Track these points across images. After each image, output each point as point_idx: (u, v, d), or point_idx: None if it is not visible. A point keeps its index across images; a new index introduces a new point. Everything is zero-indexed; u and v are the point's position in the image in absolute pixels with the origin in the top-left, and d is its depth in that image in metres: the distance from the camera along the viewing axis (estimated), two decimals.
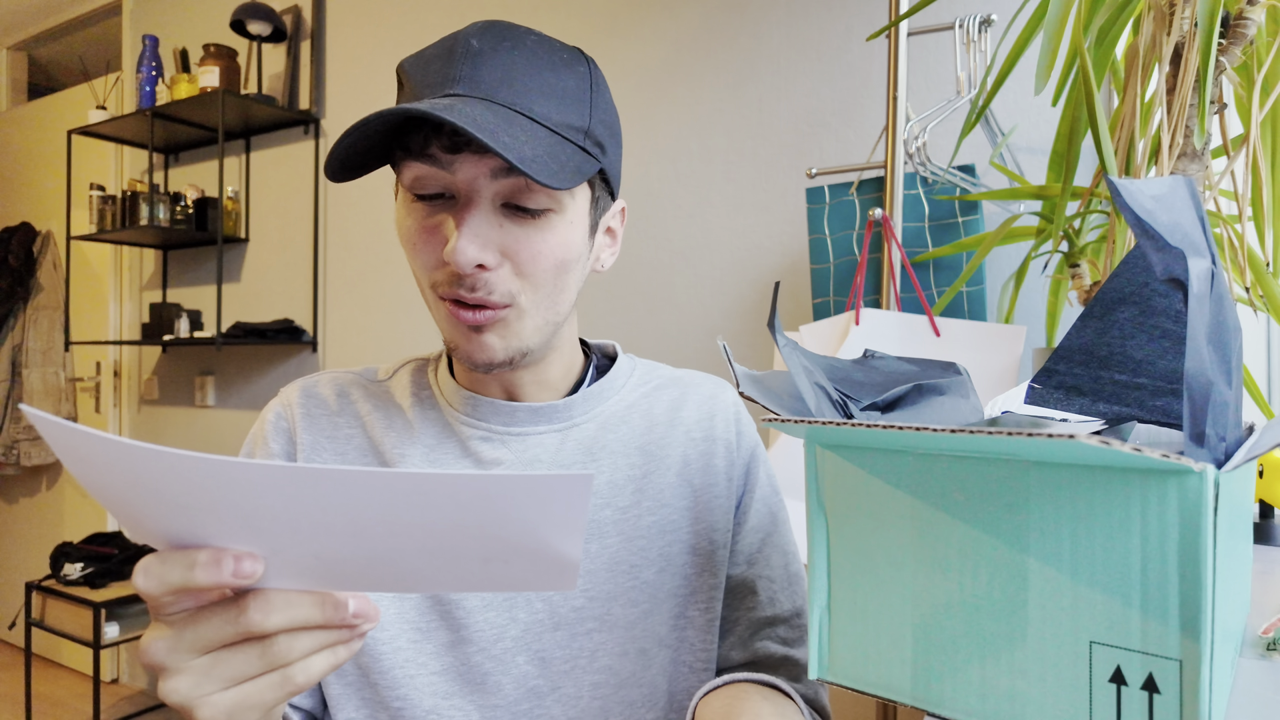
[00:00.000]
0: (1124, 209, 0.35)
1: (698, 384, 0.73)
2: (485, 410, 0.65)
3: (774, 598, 0.69)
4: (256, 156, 2.57)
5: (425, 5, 2.18)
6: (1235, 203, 0.79)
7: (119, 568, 2.41)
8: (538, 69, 0.55)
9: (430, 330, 2.17)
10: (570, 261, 0.59)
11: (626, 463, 0.67)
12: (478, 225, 0.55)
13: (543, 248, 0.57)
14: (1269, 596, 0.56)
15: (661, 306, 1.77)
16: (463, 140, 0.53)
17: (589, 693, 0.63)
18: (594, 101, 0.58)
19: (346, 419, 0.67)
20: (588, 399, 0.67)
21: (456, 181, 0.55)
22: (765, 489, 0.72)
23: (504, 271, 0.56)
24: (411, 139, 0.55)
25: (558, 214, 0.57)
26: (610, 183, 0.63)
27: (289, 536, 0.34)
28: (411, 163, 0.55)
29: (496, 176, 0.54)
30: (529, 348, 0.60)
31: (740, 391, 0.43)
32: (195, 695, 0.36)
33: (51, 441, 0.32)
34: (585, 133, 0.57)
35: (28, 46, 3.56)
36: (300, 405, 0.67)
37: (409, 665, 0.61)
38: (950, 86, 1.42)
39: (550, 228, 0.57)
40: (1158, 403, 0.48)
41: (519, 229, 0.56)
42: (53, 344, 3.10)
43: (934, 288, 1.22)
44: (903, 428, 0.33)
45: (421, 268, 0.58)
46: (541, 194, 0.55)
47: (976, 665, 0.36)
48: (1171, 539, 0.31)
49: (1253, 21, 0.73)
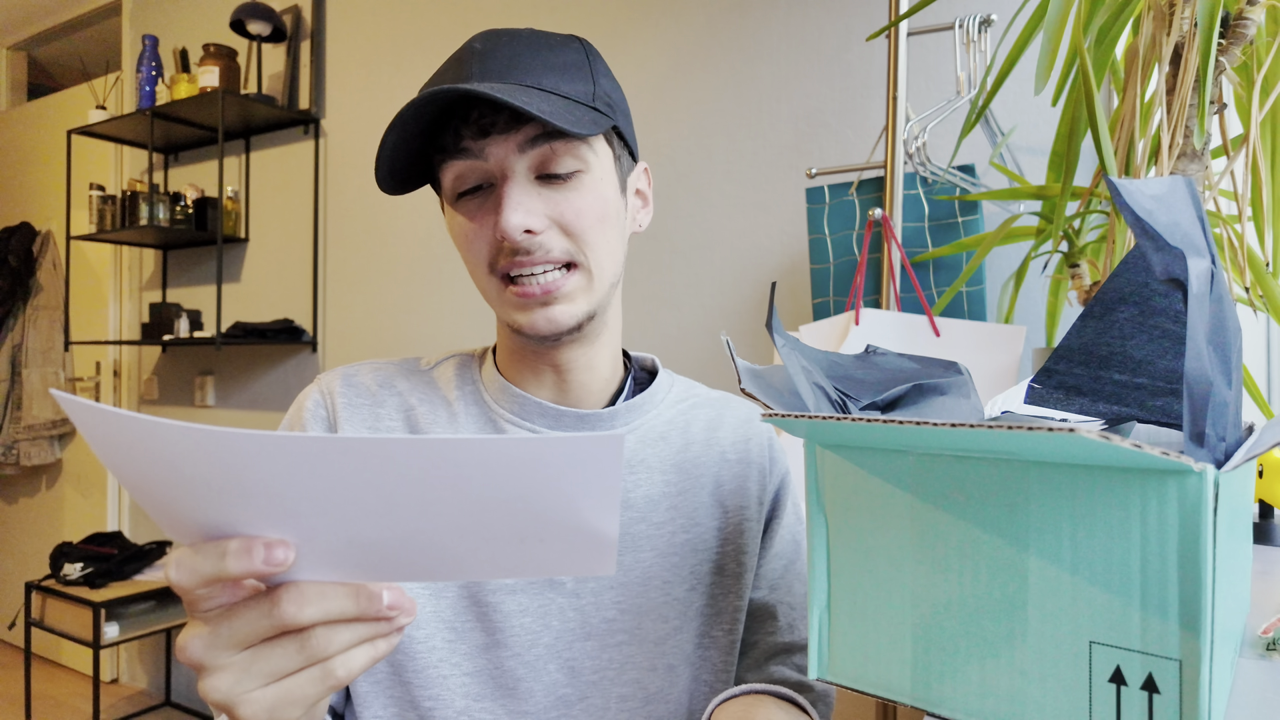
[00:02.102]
0: (1124, 209, 0.35)
1: (735, 407, 0.74)
2: (531, 410, 0.66)
3: (793, 625, 0.70)
4: (256, 156, 2.57)
5: (425, 5, 2.18)
6: (1235, 203, 0.79)
7: (119, 568, 2.41)
8: (537, 51, 0.59)
9: (430, 331, 2.16)
10: (610, 216, 0.62)
11: (663, 479, 0.67)
12: (518, 195, 0.58)
13: (581, 205, 0.60)
14: (1269, 596, 0.56)
15: (661, 306, 1.77)
16: (488, 121, 0.57)
17: (616, 705, 0.63)
18: (594, 71, 0.62)
19: (389, 410, 0.66)
20: (630, 410, 0.68)
21: (490, 165, 0.58)
22: (791, 516, 0.73)
23: (554, 234, 0.59)
24: (444, 138, 0.59)
25: (586, 174, 0.60)
26: (628, 141, 0.66)
27: (320, 518, 0.33)
28: (448, 163, 0.59)
29: (524, 149, 0.58)
30: (593, 310, 0.62)
31: (741, 388, 0.43)
32: (236, 692, 0.36)
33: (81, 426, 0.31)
34: (593, 96, 0.60)
35: (28, 46, 3.56)
36: (341, 394, 0.66)
37: (443, 665, 0.61)
38: (950, 86, 1.42)
39: (584, 187, 0.60)
40: (1157, 403, 0.48)
41: (556, 194, 0.59)
42: (52, 344, 3.10)
43: (934, 288, 1.22)
44: (902, 422, 0.33)
45: (476, 256, 0.61)
46: (568, 156, 0.59)
47: (976, 665, 0.36)
48: (1171, 539, 0.31)
49: (1252, 21, 0.73)
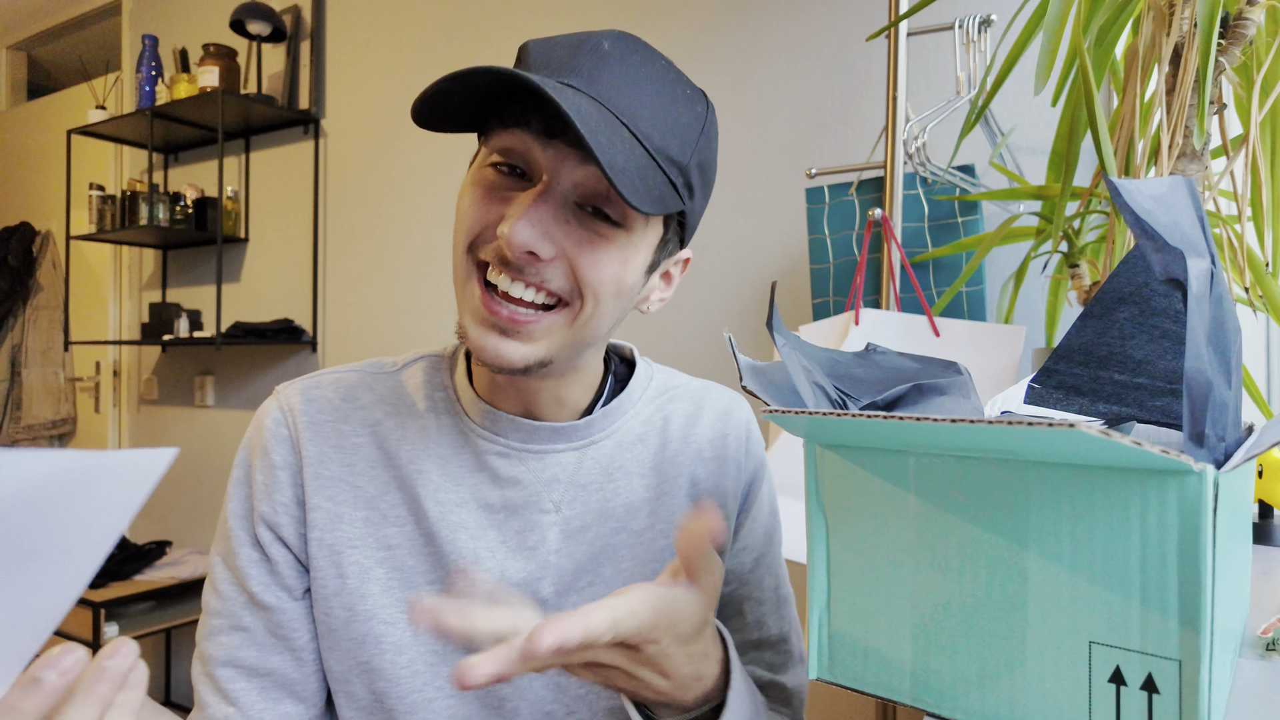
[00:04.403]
0: (1124, 209, 0.35)
1: (714, 398, 0.72)
2: (504, 426, 0.62)
3: (761, 620, 0.68)
4: (256, 156, 2.57)
5: (425, 5, 2.18)
6: (1235, 203, 0.79)
7: (118, 568, 2.41)
8: (657, 90, 0.53)
9: (430, 331, 2.16)
10: (625, 286, 0.56)
11: (642, 484, 0.65)
12: (544, 214, 0.52)
13: (605, 263, 0.54)
14: (1269, 596, 0.56)
15: (662, 306, 1.77)
16: (560, 126, 0.51)
17: (604, 717, 0.63)
18: (700, 145, 0.56)
19: (354, 425, 0.63)
20: (608, 415, 0.65)
21: (542, 162, 0.53)
22: (764, 509, 0.71)
23: (559, 268, 0.54)
24: (509, 109, 0.53)
25: (626, 234, 0.55)
26: (685, 229, 0.61)
27: None
28: (503, 132, 0.53)
29: (584, 163, 0.52)
30: (551, 358, 0.56)
31: (743, 385, 0.43)
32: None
33: None
34: (681, 169, 0.55)
35: (28, 46, 3.56)
36: (303, 412, 0.62)
37: (427, 689, 0.60)
38: (950, 86, 1.42)
39: (615, 244, 0.54)
40: (1157, 403, 0.48)
41: (584, 233, 0.54)
42: (52, 344, 3.10)
43: (934, 288, 1.22)
44: (902, 418, 0.33)
45: (465, 227, 0.55)
46: (620, 206, 0.53)
47: (976, 665, 0.36)
48: (1171, 539, 0.31)
49: (1252, 22, 0.73)
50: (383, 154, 2.26)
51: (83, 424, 3.06)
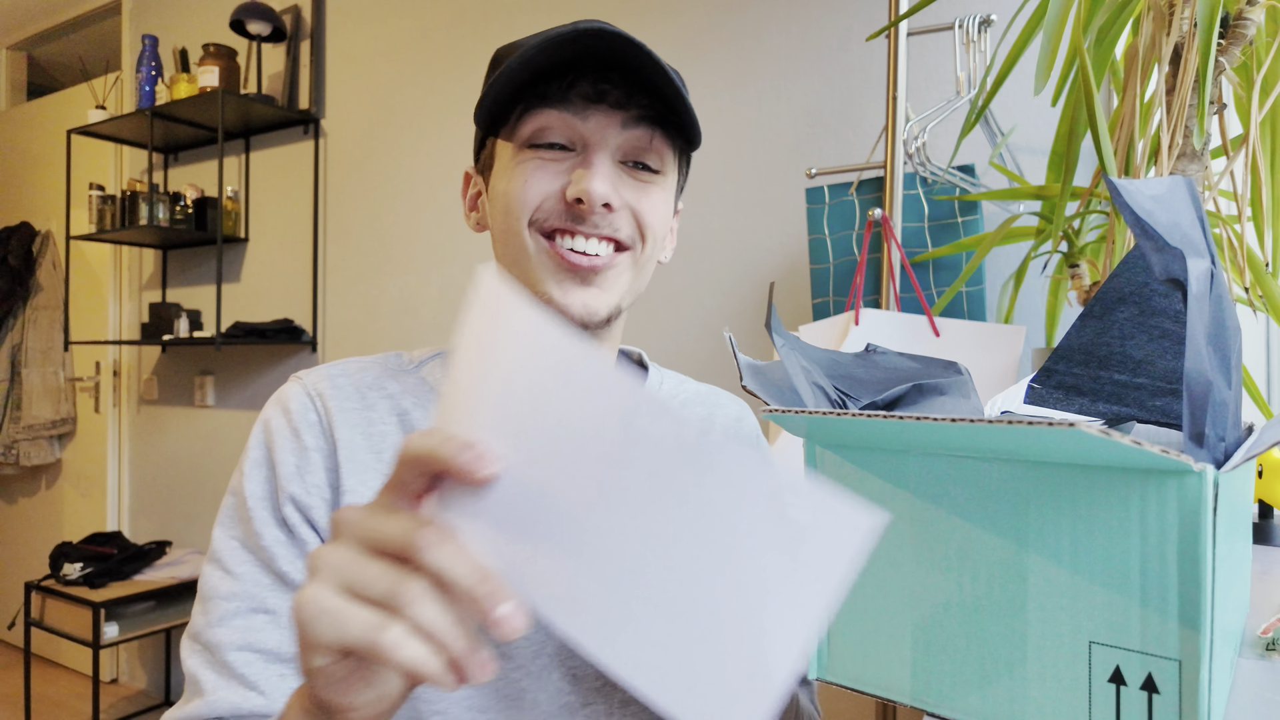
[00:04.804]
0: (1124, 209, 0.35)
1: (724, 405, 0.74)
2: None
3: None
4: (256, 156, 2.57)
5: (425, 5, 2.18)
6: (1235, 203, 0.79)
7: (118, 567, 2.41)
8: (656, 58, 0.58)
9: (430, 331, 2.16)
10: (663, 231, 0.62)
11: None
12: (607, 169, 0.57)
13: (657, 202, 0.60)
14: (1269, 596, 0.56)
15: (661, 306, 1.77)
16: (604, 88, 0.56)
17: (619, 710, 0.63)
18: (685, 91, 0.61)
19: (380, 413, 0.62)
20: None
21: (586, 129, 0.57)
22: None
23: (626, 215, 0.59)
24: (551, 86, 0.57)
25: (664, 178, 0.61)
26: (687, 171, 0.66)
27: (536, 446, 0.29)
28: (541, 111, 0.57)
29: (627, 127, 0.57)
30: (621, 306, 0.61)
31: (743, 385, 0.43)
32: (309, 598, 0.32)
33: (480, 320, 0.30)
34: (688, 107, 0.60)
35: (28, 46, 3.56)
36: (332, 395, 0.61)
37: None
38: (950, 86, 1.42)
39: (660, 188, 0.61)
40: (1157, 403, 0.48)
41: (635, 183, 0.59)
42: (52, 344, 3.10)
43: (934, 288, 1.22)
44: (902, 417, 0.33)
45: (521, 207, 0.58)
46: (656, 154, 0.59)
47: (976, 665, 0.36)
48: (1171, 539, 0.31)
49: (1252, 22, 0.73)
50: (383, 154, 2.26)
51: (83, 424, 3.06)
